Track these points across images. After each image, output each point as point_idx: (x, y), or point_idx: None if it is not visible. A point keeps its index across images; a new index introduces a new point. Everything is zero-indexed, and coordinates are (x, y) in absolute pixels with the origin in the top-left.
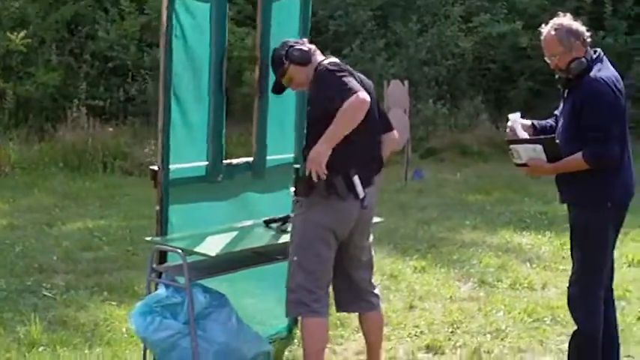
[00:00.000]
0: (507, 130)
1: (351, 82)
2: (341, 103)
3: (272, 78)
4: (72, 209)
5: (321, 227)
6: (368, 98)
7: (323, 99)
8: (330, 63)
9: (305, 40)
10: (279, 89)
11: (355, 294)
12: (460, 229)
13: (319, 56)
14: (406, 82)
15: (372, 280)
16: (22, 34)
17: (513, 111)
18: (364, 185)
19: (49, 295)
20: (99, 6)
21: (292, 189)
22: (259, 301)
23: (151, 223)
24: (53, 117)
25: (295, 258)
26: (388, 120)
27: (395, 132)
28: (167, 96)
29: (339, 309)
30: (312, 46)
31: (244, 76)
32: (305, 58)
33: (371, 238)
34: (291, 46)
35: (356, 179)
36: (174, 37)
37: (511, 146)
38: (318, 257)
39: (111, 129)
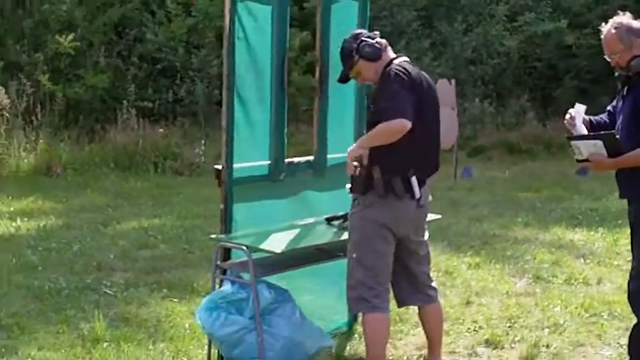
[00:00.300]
0: (567, 117)
1: (404, 101)
2: (385, 117)
3: (332, 78)
4: (125, 209)
5: (379, 225)
6: (409, 125)
7: (379, 106)
8: (398, 67)
9: (377, 33)
10: (344, 79)
11: (414, 287)
12: (512, 225)
13: (390, 53)
14: (453, 81)
15: (430, 274)
16: (70, 36)
17: (559, 109)
18: (420, 185)
19: (110, 292)
20: (146, 8)
21: (348, 186)
22: (318, 298)
23: (205, 222)
24: (103, 118)
25: (354, 255)
26: None
27: None
28: (230, 96)
29: (399, 304)
30: (384, 42)
31: (291, 77)
32: (375, 55)
33: (427, 234)
34: (363, 40)
35: (413, 180)
36: (237, 39)
37: (572, 142)
38: (376, 253)
39: (161, 130)
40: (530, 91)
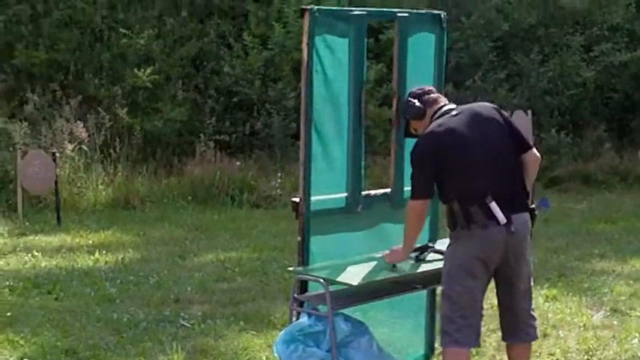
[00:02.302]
0: None
1: (419, 178)
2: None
3: None
4: (202, 241)
5: (466, 257)
6: (419, 205)
7: None
8: (429, 130)
9: (428, 88)
10: (410, 135)
11: (515, 324)
12: (589, 257)
13: (436, 105)
14: (529, 112)
15: (532, 312)
16: (148, 70)
17: (636, 140)
18: (509, 211)
19: (187, 324)
20: (223, 42)
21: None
22: (394, 330)
23: (281, 255)
24: (180, 151)
25: (443, 288)
26: (523, 139)
27: (534, 150)
28: (308, 130)
29: (503, 338)
30: (429, 97)
31: (367, 109)
32: (418, 115)
33: (531, 265)
34: (408, 101)
35: (493, 205)
36: (315, 72)
37: None
38: (462, 287)
39: (237, 162)
40: (607, 122)
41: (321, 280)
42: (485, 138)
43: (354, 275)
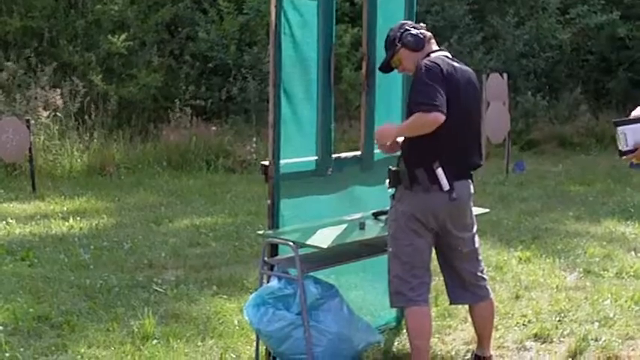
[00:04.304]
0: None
1: (435, 94)
2: (418, 109)
3: (379, 73)
4: (177, 207)
5: (408, 217)
6: (442, 119)
7: (410, 98)
8: (431, 60)
9: (423, 25)
10: (386, 67)
11: (461, 286)
12: (563, 219)
13: (433, 45)
14: (505, 75)
15: (480, 272)
16: (122, 36)
17: (612, 102)
18: (455, 178)
19: (160, 290)
20: (198, 7)
21: (387, 181)
22: (367, 293)
23: (256, 219)
24: (156, 117)
25: (391, 249)
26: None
27: None
28: (277, 92)
29: (449, 302)
30: (428, 34)
31: (343, 73)
32: (417, 45)
33: (474, 229)
34: (407, 29)
35: (439, 172)
36: (283, 34)
37: (618, 128)
38: (411, 247)
39: (213, 128)
40: (583, 83)
41: (291, 244)
42: (467, 106)
43: (324, 238)
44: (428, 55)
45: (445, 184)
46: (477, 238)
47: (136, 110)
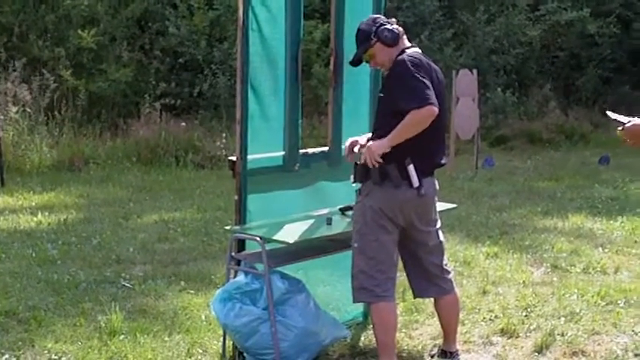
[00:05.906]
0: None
1: (427, 88)
2: (411, 106)
3: (346, 69)
4: (146, 202)
5: (377, 212)
6: (436, 111)
7: (395, 95)
8: (412, 55)
9: (394, 20)
10: (357, 62)
11: (426, 280)
12: (531, 215)
13: (406, 41)
14: (475, 71)
15: (445, 265)
16: (92, 31)
17: (582, 98)
18: (423, 175)
19: (128, 285)
20: (168, 2)
21: (351, 177)
22: (334, 289)
23: (225, 215)
24: (125, 113)
25: (356, 244)
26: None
27: None
28: (244, 88)
29: (414, 295)
30: (401, 29)
31: (313, 69)
32: (394, 40)
33: (438, 223)
34: (382, 24)
35: (410, 168)
36: (251, 30)
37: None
38: (377, 242)
39: (183, 123)
40: (552, 80)
41: (258, 239)
42: (441, 106)
43: (290, 233)
44: (403, 51)
45: (415, 181)
46: (441, 232)
47: (105, 105)
